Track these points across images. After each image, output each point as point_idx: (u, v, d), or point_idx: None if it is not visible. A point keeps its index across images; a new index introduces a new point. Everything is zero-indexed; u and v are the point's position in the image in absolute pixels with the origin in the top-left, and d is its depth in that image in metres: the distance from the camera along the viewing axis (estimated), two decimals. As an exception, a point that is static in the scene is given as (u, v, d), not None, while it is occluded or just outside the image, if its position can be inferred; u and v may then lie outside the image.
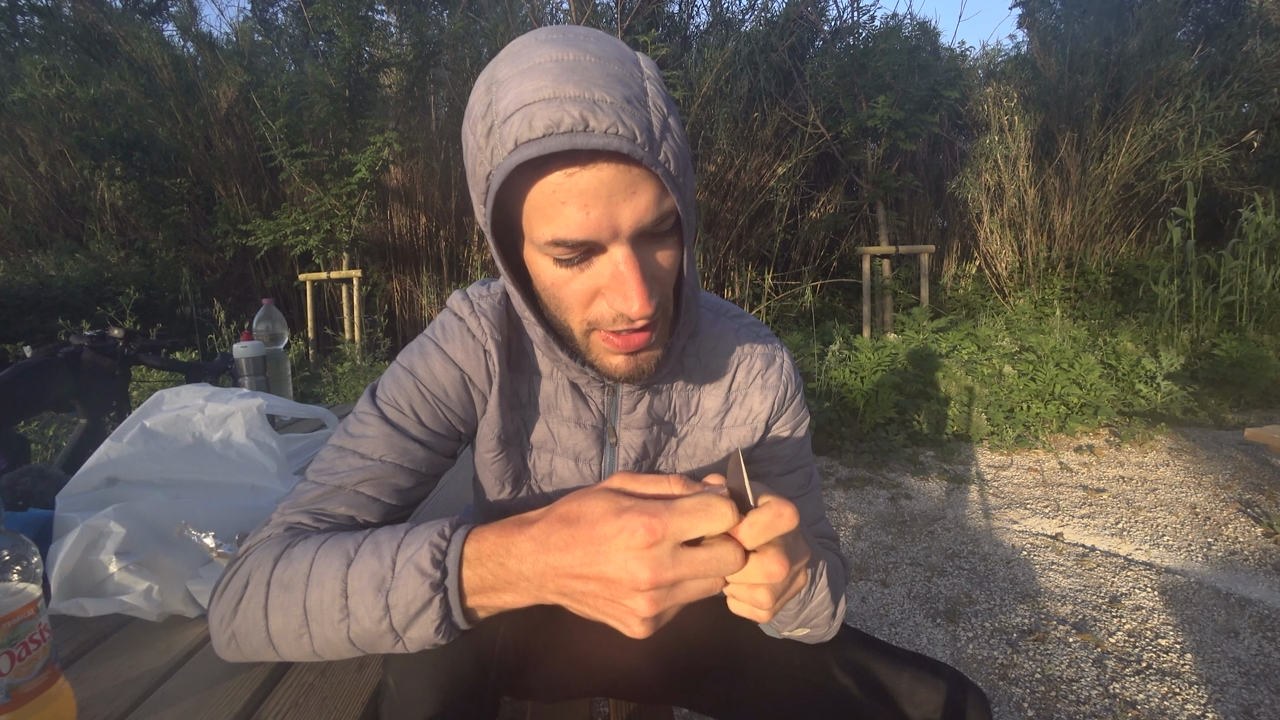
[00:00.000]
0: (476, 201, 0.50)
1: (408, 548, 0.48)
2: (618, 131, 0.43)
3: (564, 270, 0.50)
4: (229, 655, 0.53)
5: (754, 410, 0.68)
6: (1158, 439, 3.40)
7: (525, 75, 0.45)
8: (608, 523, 0.40)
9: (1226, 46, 5.40)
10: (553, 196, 0.45)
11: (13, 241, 5.27)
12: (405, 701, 0.53)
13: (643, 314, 0.49)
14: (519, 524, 0.46)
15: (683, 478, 0.43)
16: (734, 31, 5.49)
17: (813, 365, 3.80)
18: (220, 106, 5.18)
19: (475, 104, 0.48)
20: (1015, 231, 5.43)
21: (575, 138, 0.42)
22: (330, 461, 0.58)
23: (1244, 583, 2.04)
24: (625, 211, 0.46)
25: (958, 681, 0.63)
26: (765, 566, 0.41)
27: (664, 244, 0.51)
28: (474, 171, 0.48)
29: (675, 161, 0.47)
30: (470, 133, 0.48)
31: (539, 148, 0.43)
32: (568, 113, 0.42)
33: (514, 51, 0.48)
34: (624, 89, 0.45)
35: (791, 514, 0.41)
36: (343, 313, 4.90)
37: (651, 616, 0.40)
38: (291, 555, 0.51)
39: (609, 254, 0.48)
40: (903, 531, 2.51)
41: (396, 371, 0.62)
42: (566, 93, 0.43)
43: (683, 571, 0.39)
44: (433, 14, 5.76)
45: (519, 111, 0.43)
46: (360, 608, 0.47)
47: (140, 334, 1.43)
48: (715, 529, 0.40)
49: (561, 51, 0.46)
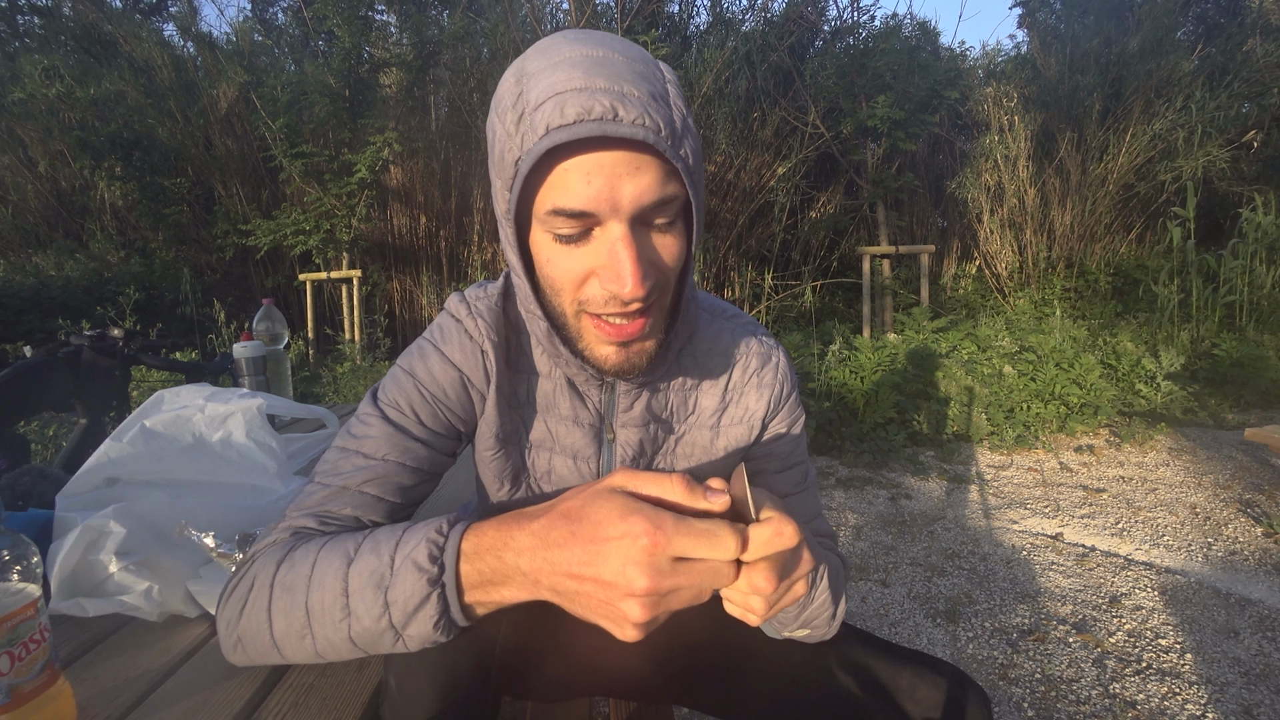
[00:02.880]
0: (501, 189, 0.51)
1: (406, 545, 0.48)
2: (644, 123, 0.45)
3: (561, 247, 0.50)
4: (237, 658, 0.53)
5: (750, 409, 0.69)
6: (1158, 439, 3.40)
7: (556, 68, 0.47)
8: (610, 525, 0.40)
9: (1226, 46, 5.40)
10: (558, 168, 0.47)
11: (13, 241, 5.27)
12: (406, 701, 0.53)
13: (634, 295, 0.48)
14: (519, 518, 0.46)
15: (685, 478, 0.43)
16: (734, 31, 5.49)
17: (813, 365, 3.80)
18: (220, 106, 5.18)
19: (505, 95, 0.49)
20: (1015, 231, 5.43)
21: (605, 125, 0.44)
22: (334, 463, 0.59)
23: (1244, 583, 2.04)
24: (627, 187, 0.47)
25: (958, 679, 0.64)
26: (752, 580, 0.41)
27: (666, 234, 0.51)
28: (501, 159, 0.49)
29: (694, 157, 0.49)
30: (499, 122, 0.49)
31: (570, 133, 0.44)
32: (598, 101, 0.44)
33: (543, 48, 0.50)
34: (649, 86, 0.47)
35: (792, 532, 0.41)
36: (343, 313, 4.90)
37: (644, 621, 0.40)
38: (294, 558, 0.51)
39: (606, 231, 0.49)
40: (903, 531, 2.51)
41: (397, 373, 0.63)
42: (597, 84, 0.45)
43: (679, 581, 0.40)
44: (433, 14, 5.76)
45: (551, 99, 0.45)
46: (360, 606, 0.47)
47: (140, 334, 1.43)
48: (717, 558, 0.40)
49: (591, 49, 0.48)
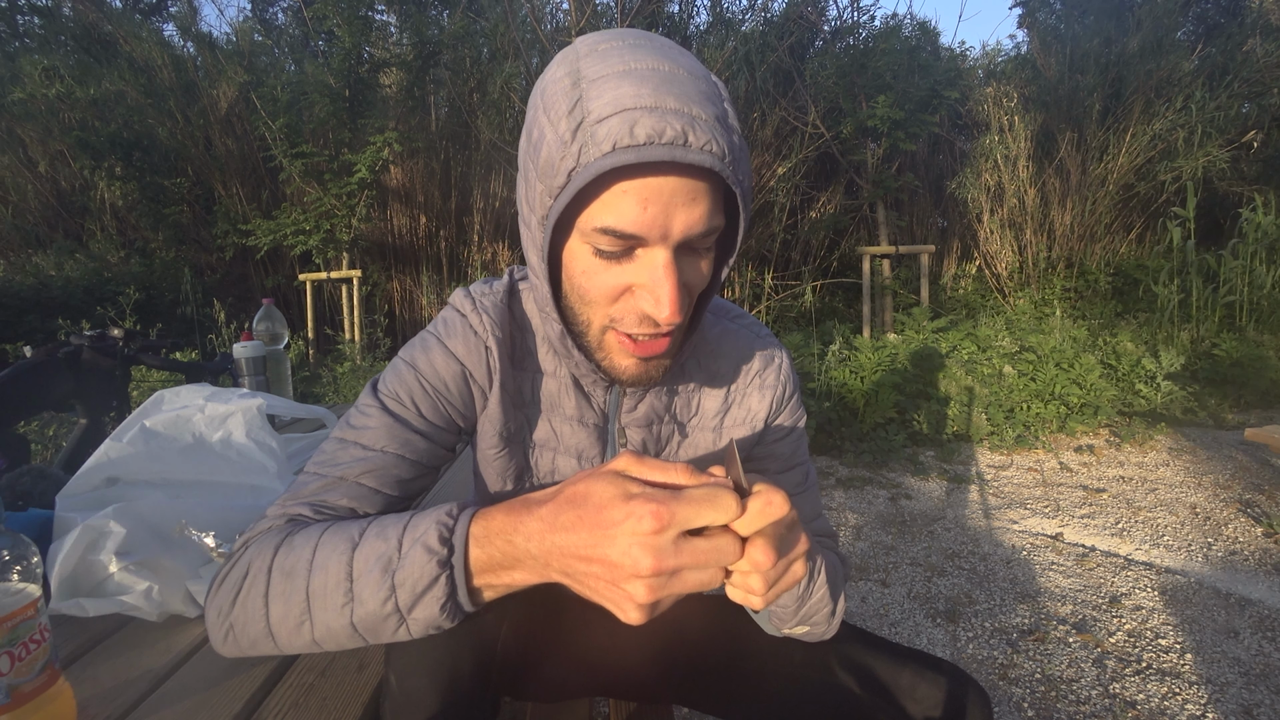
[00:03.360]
0: (541, 193, 0.49)
1: (414, 529, 0.48)
2: (712, 149, 0.45)
3: (600, 261, 0.50)
4: (226, 649, 0.52)
5: (753, 410, 0.69)
6: (1158, 439, 3.40)
7: (622, 79, 0.45)
8: (615, 508, 0.40)
9: (1226, 46, 5.40)
10: (616, 188, 0.46)
11: (13, 241, 5.27)
12: (407, 699, 0.53)
13: (671, 321, 0.50)
14: (527, 503, 0.46)
15: (689, 466, 0.43)
16: (734, 31, 5.49)
17: (813, 365, 3.80)
18: (220, 106, 5.18)
19: (558, 96, 0.47)
20: (1015, 231, 5.43)
21: (675, 150, 0.44)
22: (331, 453, 0.58)
23: (1244, 583, 2.04)
24: (680, 217, 0.47)
25: (958, 678, 0.64)
26: (752, 555, 0.41)
27: (701, 258, 0.53)
28: (549, 163, 0.47)
29: (747, 180, 0.49)
30: (549, 124, 0.47)
31: (638, 154, 0.43)
32: (670, 125, 0.44)
33: (601, 51, 0.48)
34: (713, 108, 0.47)
35: (781, 500, 0.41)
36: (343, 313, 4.90)
37: (649, 603, 0.40)
38: (293, 543, 0.51)
39: (651, 255, 0.49)
40: (903, 531, 2.51)
41: (398, 365, 0.62)
42: (667, 104, 0.44)
43: (684, 560, 0.40)
44: (433, 14, 5.76)
45: (618, 115, 0.44)
46: (365, 590, 0.47)
47: (140, 334, 1.43)
48: (720, 520, 0.40)
49: (657, 61, 0.47)
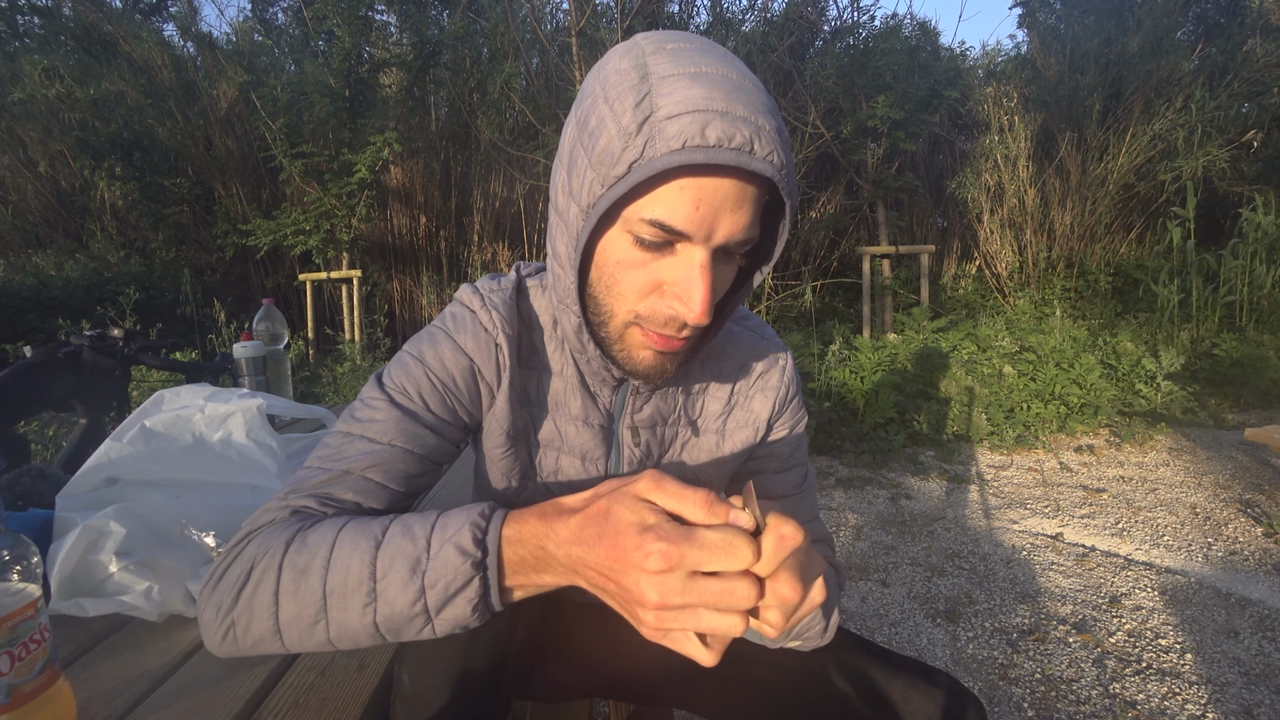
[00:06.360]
0: (591, 180, 0.49)
1: (444, 530, 0.47)
2: (773, 160, 0.47)
3: (639, 252, 0.51)
4: (223, 649, 0.49)
5: (755, 411, 0.70)
6: (1158, 439, 3.40)
7: (694, 80, 0.46)
8: (629, 536, 0.40)
9: (1226, 46, 5.40)
10: (674, 183, 0.48)
11: (13, 241, 5.27)
12: (419, 698, 0.53)
13: (699, 322, 0.50)
14: (559, 510, 0.46)
15: (708, 494, 0.42)
16: (734, 31, 5.49)
17: (813, 365, 3.80)
18: (220, 106, 5.19)
19: (624, 87, 0.48)
20: (1015, 231, 5.43)
21: (742, 156, 0.45)
22: (336, 447, 0.56)
23: (1244, 583, 2.04)
24: (726, 221, 0.49)
25: (955, 690, 0.63)
26: (778, 591, 0.40)
27: (732, 263, 0.54)
28: (608, 152, 0.47)
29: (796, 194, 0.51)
30: (610, 113, 0.48)
31: (707, 155, 0.45)
32: (739, 131, 0.45)
33: (670, 50, 0.49)
34: (775, 120, 0.48)
35: (793, 530, 0.40)
36: (343, 313, 4.90)
37: (655, 629, 0.40)
38: (307, 539, 0.49)
39: (689, 252, 0.50)
40: (903, 531, 2.51)
41: (405, 359, 0.61)
42: (737, 111, 0.46)
43: (691, 599, 0.39)
44: (433, 14, 5.76)
45: (691, 114, 0.45)
46: (392, 589, 0.46)
47: (140, 334, 1.43)
48: (733, 568, 0.39)
49: (725, 68, 0.48)
